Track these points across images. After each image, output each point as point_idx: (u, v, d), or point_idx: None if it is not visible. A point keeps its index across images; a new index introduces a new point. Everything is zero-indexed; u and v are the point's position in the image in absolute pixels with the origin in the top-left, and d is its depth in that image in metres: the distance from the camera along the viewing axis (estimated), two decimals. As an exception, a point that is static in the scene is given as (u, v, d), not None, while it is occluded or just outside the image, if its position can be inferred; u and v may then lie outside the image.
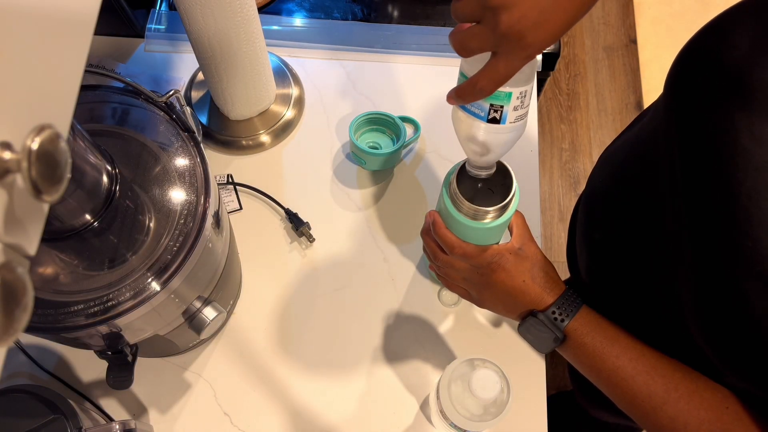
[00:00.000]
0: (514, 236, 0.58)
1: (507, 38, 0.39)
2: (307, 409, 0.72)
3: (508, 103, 0.46)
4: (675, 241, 0.49)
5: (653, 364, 0.51)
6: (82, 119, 0.56)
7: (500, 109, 0.46)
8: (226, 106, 0.82)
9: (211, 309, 0.60)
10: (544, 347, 0.57)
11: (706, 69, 0.45)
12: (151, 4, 0.93)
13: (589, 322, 0.55)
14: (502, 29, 0.39)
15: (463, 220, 0.55)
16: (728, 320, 0.43)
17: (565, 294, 0.56)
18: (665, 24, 2.01)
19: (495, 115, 0.47)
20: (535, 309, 0.56)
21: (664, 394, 0.50)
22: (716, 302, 0.44)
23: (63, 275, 0.50)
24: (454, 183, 0.55)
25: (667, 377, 0.50)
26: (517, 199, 0.56)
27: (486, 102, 0.46)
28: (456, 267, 0.60)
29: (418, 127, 0.84)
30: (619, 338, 0.54)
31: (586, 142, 1.88)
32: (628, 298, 0.61)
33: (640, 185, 0.57)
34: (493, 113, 0.47)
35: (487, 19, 0.40)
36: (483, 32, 0.40)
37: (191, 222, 0.53)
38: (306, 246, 0.79)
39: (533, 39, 0.39)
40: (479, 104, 0.47)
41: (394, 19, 0.95)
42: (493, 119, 0.47)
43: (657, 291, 0.55)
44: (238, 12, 0.68)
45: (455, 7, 0.42)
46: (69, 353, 0.73)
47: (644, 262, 0.57)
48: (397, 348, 0.75)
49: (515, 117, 0.47)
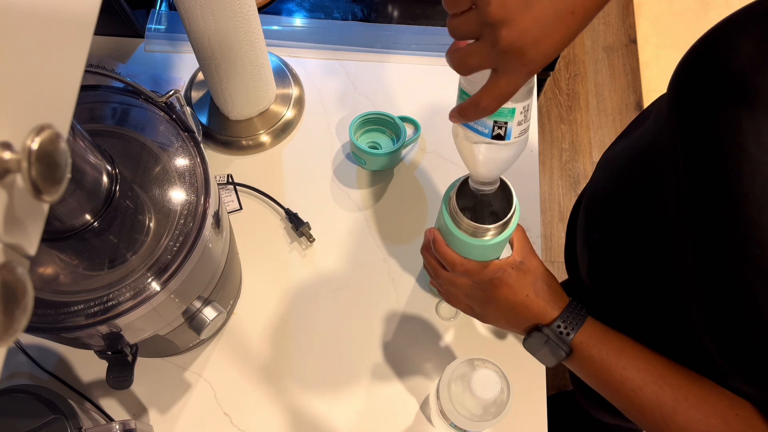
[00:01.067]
0: (515, 250, 0.58)
1: (508, 55, 0.38)
2: (307, 409, 0.72)
3: (512, 119, 0.45)
4: (680, 246, 0.49)
5: (661, 373, 0.51)
6: (82, 119, 0.56)
7: (504, 126, 0.46)
8: (226, 106, 0.82)
9: (211, 309, 0.60)
10: (550, 361, 0.56)
11: (711, 73, 0.44)
12: (151, 4, 0.93)
13: (595, 334, 0.54)
14: (503, 46, 0.38)
15: (463, 237, 0.55)
16: (737, 326, 0.43)
17: (570, 306, 0.55)
18: (665, 24, 2.00)
19: (499, 132, 0.46)
20: (539, 323, 0.56)
21: (673, 403, 0.49)
22: (724, 308, 0.43)
23: (63, 275, 0.50)
24: (453, 200, 0.55)
25: (676, 386, 0.50)
26: (518, 215, 0.56)
27: (490, 119, 0.45)
28: (458, 284, 0.59)
29: (418, 127, 0.84)
30: (626, 348, 0.53)
31: (586, 143, 1.88)
32: (630, 300, 0.61)
33: (644, 190, 0.57)
34: (497, 130, 0.46)
35: (486, 36, 0.39)
36: (482, 49, 0.39)
37: (191, 222, 0.53)
38: (306, 246, 0.79)
39: (535, 55, 0.38)
40: (482, 121, 0.46)
41: (394, 19, 0.95)
42: (497, 136, 0.46)
43: (661, 294, 0.55)
44: (238, 12, 0.68)
45: (452, 24, 0.40)
46: (69, 353, 0.73)
47: (647, 267, 0.56)
48: (397, 348, 0.75)
49: (519, 131, 0.46)
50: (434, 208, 0.82)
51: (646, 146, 0.57)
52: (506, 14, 0.37)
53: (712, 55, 0.45)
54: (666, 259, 0.52)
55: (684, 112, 0.47)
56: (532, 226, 0.81)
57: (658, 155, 0.53)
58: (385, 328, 0.76)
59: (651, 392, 0.50)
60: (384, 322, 0.76)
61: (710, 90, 0.44)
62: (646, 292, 0.58)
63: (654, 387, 0.50)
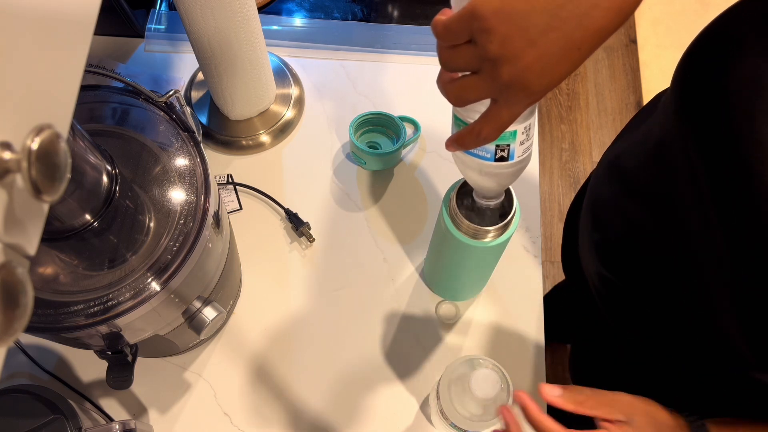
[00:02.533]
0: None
1: (510, 89, 0.36)
2: (307, 409, 0.72)
3: (514, 140, 0.44)
4: (706, 248, 0.47)
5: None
6: (82, 119, 0.56)
7: (507, 148, 0.44)
8: (226, 106, 0.82)
9: (211, 309, 0.60)
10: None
11: (715, 69, 0.43)
12: (151, 4, 0.93)
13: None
14: (505, 80, 0.36)
15: (464, 240, 0.55)
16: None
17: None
18: (665, 24, 2.00)
19: (502, 155, 0.45)
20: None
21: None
22: (761, 305, 0.42)
23: (63, 275, 0.50)
24: (453, 201, 0.55)
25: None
26: (518, 216, 0.55)
27: (491, 144, 0.44)
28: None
29: (418, 127, 0.84)
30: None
31: (586, 142, 1.88)
32: (649, 299, 0.60)
33: (655, 189, 0.55)
34: (500, 153, 0.45)
35: (486, 71, 0.37)
36: (482, 83, 0.37)
37: (191, 222, 0.53)
38: (306, 246, 0.79)
39: (538, 88, 0.36)
40: (484, 147, 0.45)
41: (394, 19, 0.95)
42: (500, 158, 0.45)
43: (683, 295, 0.54)
44: (238, 12, 0.68)
45: (446, 55, 0.38)
46: (69, 353, 0.73)
47: (666, 266, 0.55)
48: (397, 348, 0.75)
49: (522, 150, 0.45)
50: (434, 208, 0.82)
51: (654, 145, 0.56)
52: (509, 51, 0.35)
53: (715, 49, 0.43)
54: (688, 257, 0.51)
55: (692, 107, 0.46)
56: (532, 226, 0.81)
57: (668, 153, 0.52)
58: (385, 328, 0.76)
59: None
60: (384, 322, 0.76)
61: (717, 85, 0.43)
62: (667, 292, 0.57)
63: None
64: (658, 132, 0.56)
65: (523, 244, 0.80)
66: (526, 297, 0.77)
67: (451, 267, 0.68)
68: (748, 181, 0.41)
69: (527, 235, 0.81)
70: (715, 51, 0.44)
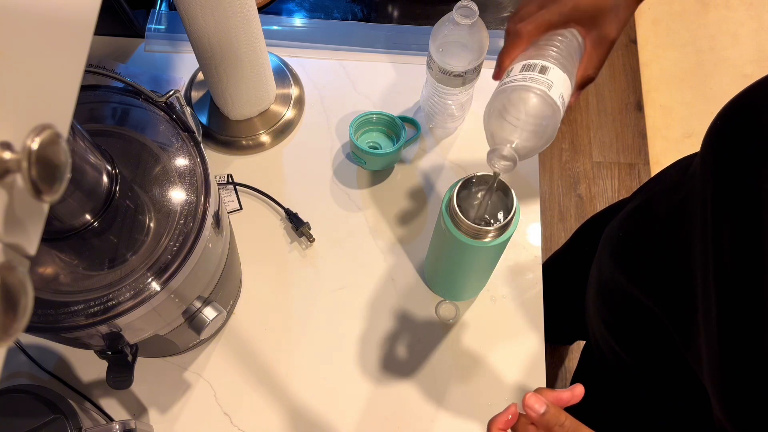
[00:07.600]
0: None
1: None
2: (306, 409, 0.72)
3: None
4: (705, 331, 0.48)
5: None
6: (82, 119, 0.56)
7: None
8: (226, 106, 0.82)
9: (211, 309, 0.60)
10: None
11: (751, 133, 0.43)
12: (151, 4, 0.93)
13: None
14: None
15: (464, 240, 0.55)
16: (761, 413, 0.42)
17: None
18: (665, 24, 2.00)
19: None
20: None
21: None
22: (748, 391, 0.42)
23: (63, 275, 0.50)
24: (453, 201, 0.54)
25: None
26: (518, 216, 0.55)
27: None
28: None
29: (418, 127, 0.84)
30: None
31: (586, 142, 1.88)
32: (646, 369, 0.61)
33: (669, 287, 0.56)
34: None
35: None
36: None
37: (191, 222, 0.53)
38: (306, 246, 0.79)
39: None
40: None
41: (394, 19, 0.95)
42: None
43: (680, 374, 0.54)
44: (238, 12, 0.68)
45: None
46: (69, 353, 0.73)
47: (669, 351, 0.56)
48: (397, 348, 0.75)
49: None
50: (434, 208, 0.82)
51: (667, 217, 0.56)
52: None
53: (751, 113, 0.43)
54: (688, 338, 0.51)
55: (722, 173, 0.45)
56: (533, 225, 0.81)
57: (689, 233, 0.51)
58: (385, 328, 0.76)
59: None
60: (384, 322, 0.76)
61: (750, 150, 0.42)
62: (665, 364, 0.58)
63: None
64: (661, 205, 0.56)
65: (523, 244, 0.80)
66: (526, 297, 0.77)
67: (451, 267, 0.68)
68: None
69: (527, 235, 0.81)
70: (749, 116, 0.44)
